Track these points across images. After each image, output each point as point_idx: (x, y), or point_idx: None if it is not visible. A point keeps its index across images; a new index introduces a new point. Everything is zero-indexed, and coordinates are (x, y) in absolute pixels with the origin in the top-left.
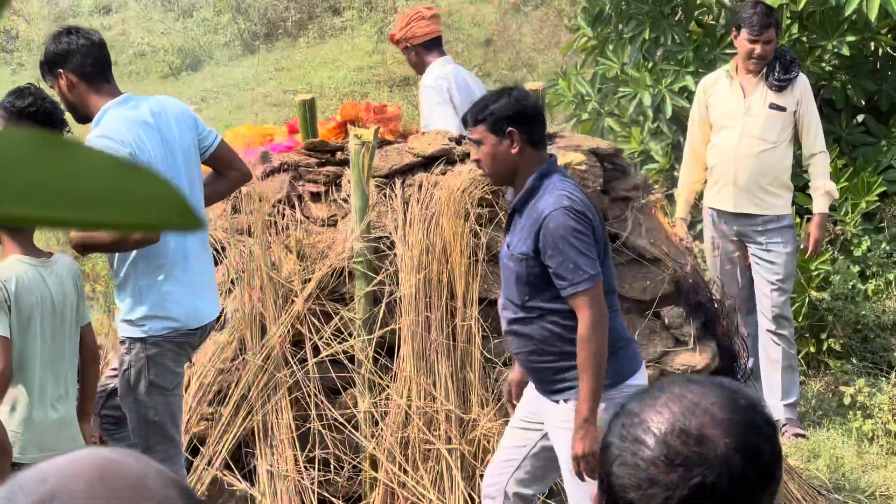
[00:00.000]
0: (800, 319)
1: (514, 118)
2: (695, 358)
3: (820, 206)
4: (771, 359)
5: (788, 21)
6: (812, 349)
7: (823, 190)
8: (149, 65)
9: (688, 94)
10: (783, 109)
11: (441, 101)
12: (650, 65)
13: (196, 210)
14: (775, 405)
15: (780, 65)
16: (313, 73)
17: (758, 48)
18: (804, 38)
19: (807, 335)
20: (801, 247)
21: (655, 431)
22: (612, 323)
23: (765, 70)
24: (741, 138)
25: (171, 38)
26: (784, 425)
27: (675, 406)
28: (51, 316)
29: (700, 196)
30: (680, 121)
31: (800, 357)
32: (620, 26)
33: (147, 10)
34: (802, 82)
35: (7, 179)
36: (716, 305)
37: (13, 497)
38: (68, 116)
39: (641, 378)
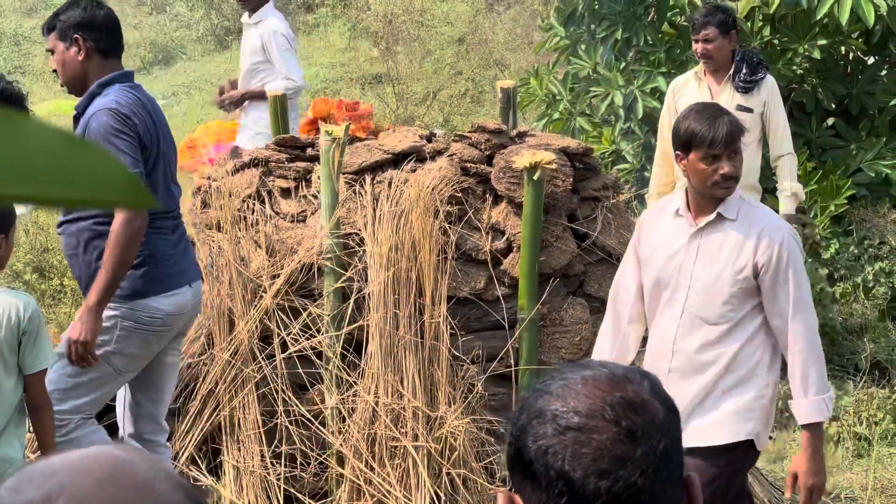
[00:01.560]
0: None
1: (81, 25)
2: None
3: (786, 207)
4: None
5: (760, 24)
6: None
7: (790, 192)
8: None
9: (659, 94)
10: (750, 111)
11: (290, 48)
12: (622, 65)
13: (144, 189)
14: None
15: (747, 66)
16: None
17: (698, 47)
18: (776, 41)
19: None
20: None
21: (600, 413)
22: (156, 243)
23: (731, 72)
24: None
25: (143, 32)
26: None
27: (592, 386)
28: None
29: None
30: (651, 121)
31: None
32: (593, 26)
33: (120, 4)
34: (769, 84)
35: None
36: None
37: (20, 489)
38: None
39: (163, 304)
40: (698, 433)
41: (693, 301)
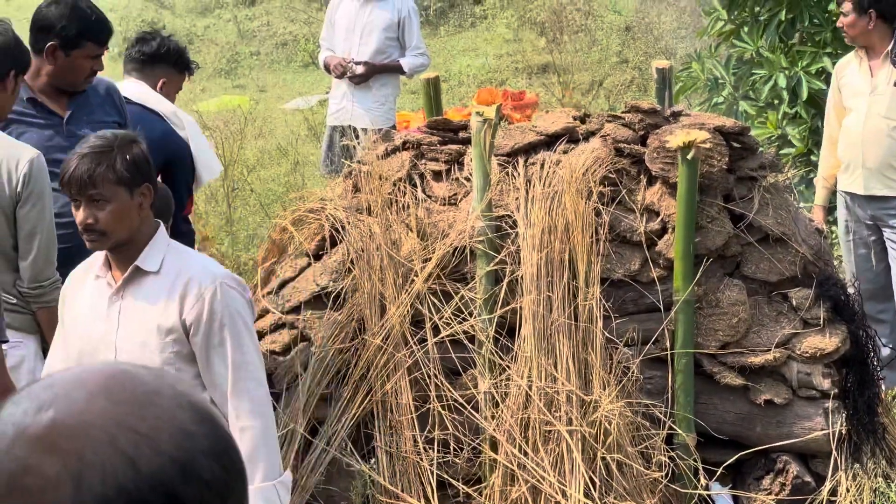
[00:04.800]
0: None
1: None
2: (824, 341)
3: None
4: None
5: None
6: None
7: None
8: (290, 54)
9: (825, 75)
10: None
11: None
12: (787, 47)
13: None
14: None
15: None
16: (452, 62)
17: (840, 22)
18: None
19: None
20: None
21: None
22: None
23: (890, 48)
24: (867, 118)
25: (313, 27)
26: None
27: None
28: None
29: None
30: (817, 104)
31: None
32: (757, 8)
33: (291, 1)
34: None
35: None
36: (847, 289)
37: (19, 400)
38: None
39: None
40: None
41: None
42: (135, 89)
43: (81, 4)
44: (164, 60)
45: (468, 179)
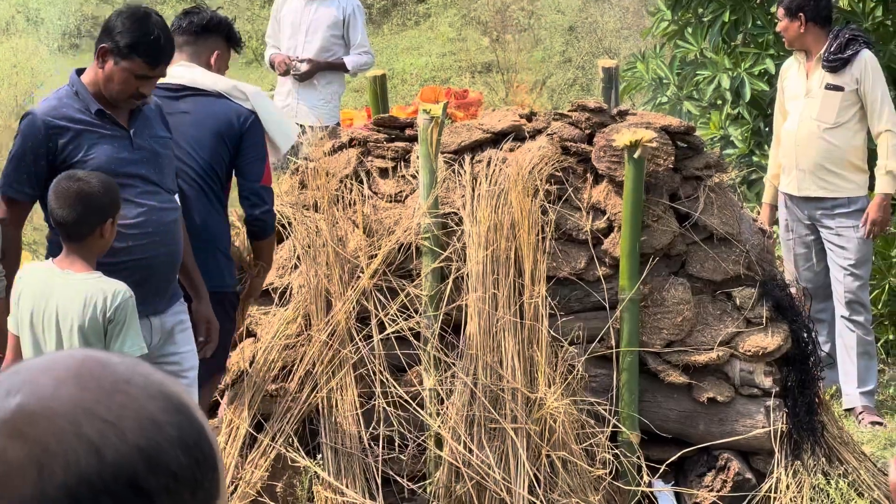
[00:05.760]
0: (879, 306)
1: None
2: (766, 340)
3: (881, 186)
4: (846, 345)
5: (873, 4)
6: (891, 336)
7: (885, 170)
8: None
9: (768, 77)
10: (840, 89)
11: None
12: (730, 48)
13: None
14: (851, 392)
15: (837, 45)
16: (396, 60)
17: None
18: (888, 22)
19: (886, 322)
20: (860, 227)
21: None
22: None
23: (822, 51)
24: (801, 121)
25: (256, 24)
26: (861, 413)
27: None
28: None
29: None
30: (760, 105)
31: (879, 345)
32: (701, 9)
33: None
34: (863, 60)
35: None
36: (788, 288)
37: None
38: None
39: None
40: None
41: None
42: (186, 74)
43: (150, 21)
44: (217, 31)
45: (414, 177)
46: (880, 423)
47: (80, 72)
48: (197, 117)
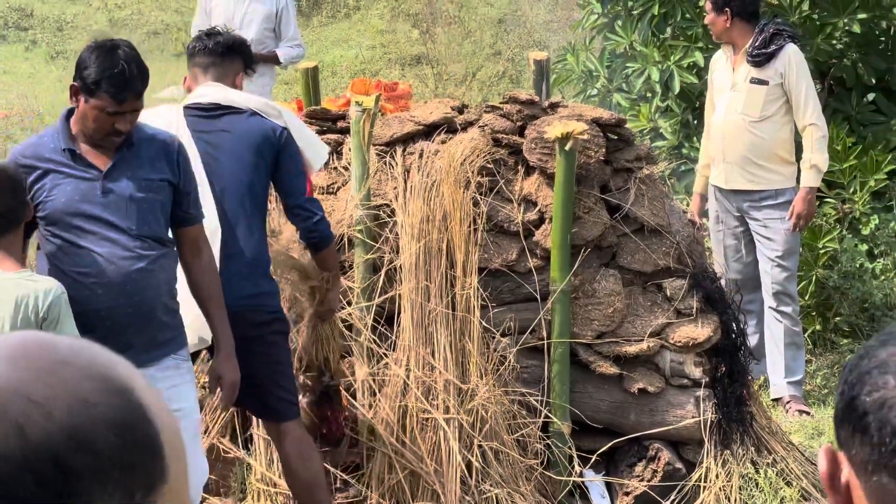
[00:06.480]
0: (806, 297)
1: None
2: (696, 331)
3: (805, 179)
4: (774, 336)
5: None
6: (819, 327)
7: (810, 163)
8: (162, 43)
9: (697, 70)
10: (764, 83)
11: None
12: (659, 41)
13: None
14: (779, 382)
15: (762, 39)
16: (325, 52)
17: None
18: (815, 16)
19: (813, 313)
20: (786, 220)
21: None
22: None
23: (748, 46)
24: (727, 114)
25: (185, 16)
26: (788, 402)
27: None
28: None
29: None
30: (689, 98)
31: (806, 335)
32: (630, 2)
33: None
34: (787, 55)
35: None
36: (718, 279)
37: None
38: None
39: None
40: None
41: None
42: (218, 93)
43: (115, 54)
44: (240, 52)
45: (346, 168)
46: (807, 413)
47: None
48: (236, 135)
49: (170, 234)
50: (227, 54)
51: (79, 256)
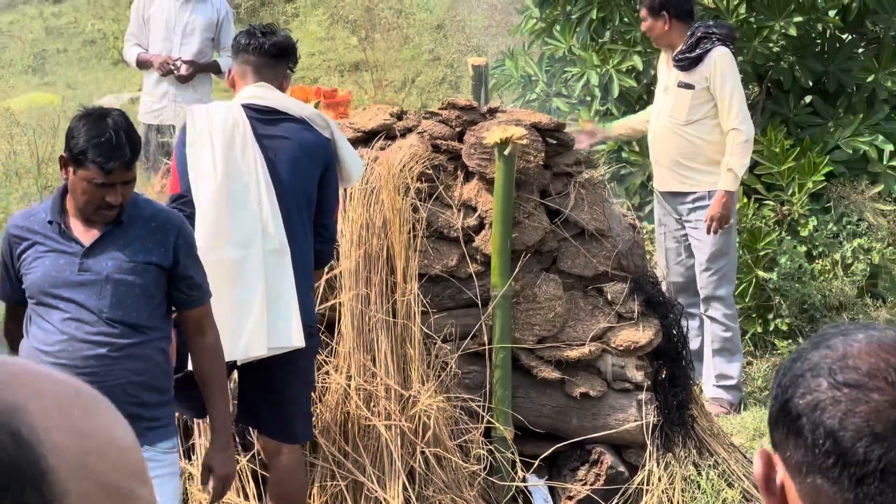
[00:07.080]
0: (746, 300)
1: None
2: (638, 335)
3: (723, 183)
4: (707, 340)
5: (737, 1)
6: (759, 329)
7: (727, 167)
8: (100, 52)
9: (636, 73)
10: (691, 87)
11: None
12: (598, 45)
13: None
14: (706, 386)
15: (690, 43)
16: None
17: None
18: (752, 19)
19: (753, 315)
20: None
21: (882, 374)
22: None
23: (679, 49)
24: (658, 117)
25: (122, 25)
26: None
27: (876, 346)
28: None
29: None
30: (628, 101)
31: (746, 337)
32: (568, 7)
33: None
34: (714, 57)
35: None
36: (659, 283)
37: None
38: None
39: None
40: None
41: None
42: (275, 97)
43: (104, 122)
44: (290, 55)
45: None
46: (725, 410)
47: None
48: (295, 143)
49: (159, 320)
50: (279, 56)
51: (44, 332)
